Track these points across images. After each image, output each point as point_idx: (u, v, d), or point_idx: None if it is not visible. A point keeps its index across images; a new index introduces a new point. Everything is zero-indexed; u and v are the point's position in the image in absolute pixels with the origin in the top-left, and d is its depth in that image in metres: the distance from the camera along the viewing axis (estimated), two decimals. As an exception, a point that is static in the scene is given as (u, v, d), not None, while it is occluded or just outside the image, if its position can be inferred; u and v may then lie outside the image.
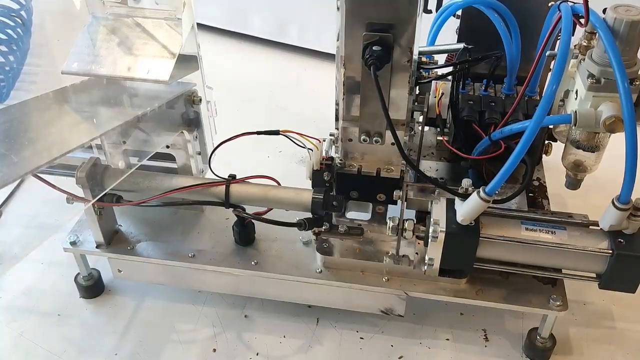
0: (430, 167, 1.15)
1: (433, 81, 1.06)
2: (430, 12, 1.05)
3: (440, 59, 1.10)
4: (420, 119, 1.09)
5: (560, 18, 0.80)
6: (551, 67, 0.86)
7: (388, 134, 0.90)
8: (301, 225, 0.95)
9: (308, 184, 0.98)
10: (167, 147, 1.05)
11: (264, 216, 0.99)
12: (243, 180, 0.98)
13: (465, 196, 0.86)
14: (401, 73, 0.84)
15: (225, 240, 1.05)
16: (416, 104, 1.03)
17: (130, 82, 0.98)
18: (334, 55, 0.87)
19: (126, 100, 1.00)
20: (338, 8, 0.79)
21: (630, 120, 0.73)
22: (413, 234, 0.91)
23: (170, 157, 1.07)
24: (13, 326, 1.06)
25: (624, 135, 0.74)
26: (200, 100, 1.05)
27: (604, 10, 0.76)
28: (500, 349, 1.01)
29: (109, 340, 1.04)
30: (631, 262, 0.84)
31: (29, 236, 1.06)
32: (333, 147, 0.98)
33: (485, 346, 1.02)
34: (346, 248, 0.99)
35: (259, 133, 1.00)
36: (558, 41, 0.79)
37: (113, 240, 1.05)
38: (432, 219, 0.87)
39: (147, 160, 1.03)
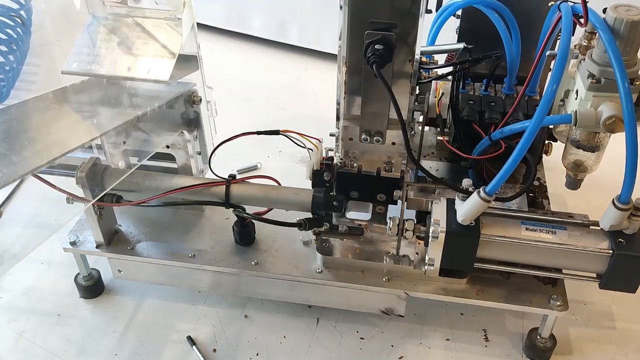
0: (430, 167, 1.15)
1: (433, 81, 1.06)
2: (430, 12, 1.05)
3: (440, 59, 1.10)
4: (421, 119, 1.09)
5: (560, 18, 0.80)
6: (551, 67, 0.86)
7: (388, 134, 0.90)
8: (301, 225, 0.95)
9: (308, 184, 0.98)
10: (167, 147, 1.05)
11: (264, 216, 0.99)
12: (243, 180, 0.98)
13: (467, 192, 0.85)
14: (403, 72, 0.84)
15: (225, 240, 1.05)
16: (416, 104, 1.03)
17: (130, 82, 0.98)
18: (334, 55, 0.87)
19: (126, 100, 1.00)
20: (341, 7, 0.79)
21: (630, 120, 0.73)
22: (413, 234, 0.91)
23: (170, 157, 1.07)
24: (13, 326, 1.06)
25: (624, 135, 0.74)
26: (200, 100, 1.05)
27: (604, 10, 0.76)
28: (501, 349, 1.01)
29: (109, 340, 1.04)
30: (631, 262, 0.84)
31: (29, 236, 1.07)
32: (333, 146, 0.98)
33: (486, 346, 1.02)
34: (346, 248, 0.99)
35: (259, 133, 1.00)
36: (558, 41, 0.79)
37: (113, 240, 1.05)
38: (432, 219, 0.87)
39: (147, 160, 1.03)
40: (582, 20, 0.77)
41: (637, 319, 1.07)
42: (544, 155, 1.11)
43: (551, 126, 1.01)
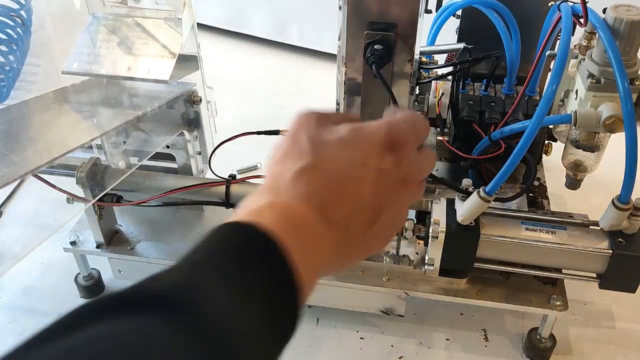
0: (430, 167, 1.15)
1: (433, 81, 1.06)
2: (430, 12, 1.05)
3: (440, 59, 1.11)
4: (420, 119, 1.09)
5: (560, 18, 0.80)
6: (551, 67, 0.87)
7: (388, 134, 0.90)
8: (301, 225, 0.95)
9: (308, 184, 0.97)
10: (167, 147, 1.06)
11: (264, 216, 0.99)
12: (243, 180, 0.98)
13: (467, 192, 0.86)
14: (403, 72, 0.84)
15: (225, 240, 1.05)
16: (416, 104, 1.03)
17: (130, 82, 0.98)
18: (335, 55, 0.87)
19: (126, 100, 1.00)
20: (340, 7, 0.79)
21: (630, 120, 0.73)
22: (413, 234, 0.91)
23: (170, 157, 1.07)
24: (13, 326, 1.06)
25: (624, 135, 0.74)
26: (200, 100, 1.05)
27: (604, 10, 0.76)
28: (500, 349, 1.01)
29: (109, 340, 1.04)
30: (631, 262, 0.84)
31: (29, 236, 1.06)
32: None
33: (485, 346, 1.02)
34: (346, 248, 0.99)
35: (259, 133, 1.00)
36: (558, 41, 0.79)
37: (113, 240, 1.05)
38: (432, 219, 0.87)
39: (147, 160, 1.03)
40: (582, 20, 0.77)
41: (637, 319, 1.07)
42: (544, 155, 1.11)
43: (551, 126, 1.01)
